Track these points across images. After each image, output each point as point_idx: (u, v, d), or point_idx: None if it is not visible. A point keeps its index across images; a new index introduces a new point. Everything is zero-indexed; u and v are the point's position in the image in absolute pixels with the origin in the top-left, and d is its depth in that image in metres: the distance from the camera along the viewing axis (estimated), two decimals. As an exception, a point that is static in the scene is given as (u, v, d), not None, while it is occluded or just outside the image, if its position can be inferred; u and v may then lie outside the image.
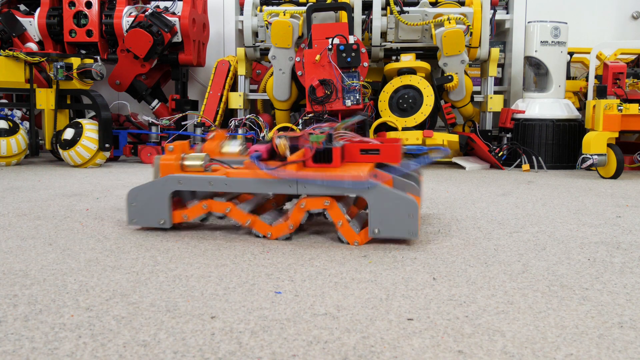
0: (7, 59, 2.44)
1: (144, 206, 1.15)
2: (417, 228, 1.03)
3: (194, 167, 1.16)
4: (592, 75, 2.61)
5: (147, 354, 0.58)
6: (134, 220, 1.16)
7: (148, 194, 1.14)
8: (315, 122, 2.39)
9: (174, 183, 1.12)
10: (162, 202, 1.14)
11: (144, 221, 1.16)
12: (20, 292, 0.78)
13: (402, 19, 2.63)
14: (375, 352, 0.59)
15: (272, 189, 1.09)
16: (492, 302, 0.75)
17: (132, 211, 1.16)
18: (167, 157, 1.17)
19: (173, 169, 1.16)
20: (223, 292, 0.79)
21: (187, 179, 1.12)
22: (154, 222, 1.15)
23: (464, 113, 2.82)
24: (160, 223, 1.15)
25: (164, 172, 1.16)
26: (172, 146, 1.17)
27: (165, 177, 1.13)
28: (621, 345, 0.62)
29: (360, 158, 1.17)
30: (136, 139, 2.87)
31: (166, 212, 1.14)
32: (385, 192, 1.03)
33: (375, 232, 1.04)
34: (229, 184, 1.10)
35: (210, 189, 1.12)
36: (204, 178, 1.11)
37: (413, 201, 1.02)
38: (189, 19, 2.82)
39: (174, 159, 1.16)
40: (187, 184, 1.12)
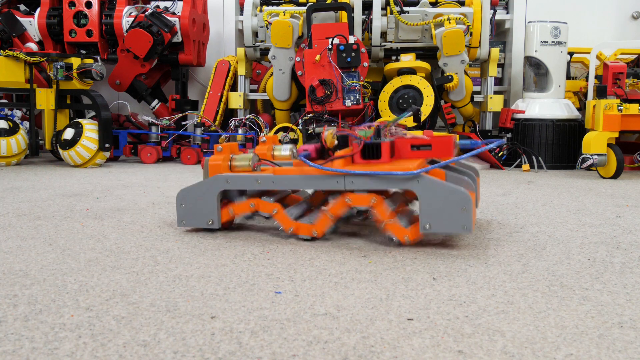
0: (7, 59, 2.44)
1: (192, 207, 1.14)
2: (471, 223, 0.99)
3: (243, 167, 1.15)
4: (592, 75, 2.61)
5: (147, 354, 0.58)
6: (184, 222, 1.15)
7: (196, 194, 1.14)
8: (315, 122, 2.39)
9: (222, 182, 1.12)
10: (211, 202, 1.13)
11: (193, 222, 1.15)
12: (20, 292, 0.78)
13: (402, 19, 2.63)
14: (375, 352, 0.59)
15: (318, 185, 1.07)
16: (492, 302, 0.75)
17: (182, 212, 1.15)
18: (216, 158, 1.17)
19: (222, 169, 1.16)
20: (223, 292, 0.79)
21: (235, 178, 1.12)
22: (202, 222, 1.14)
23: (464, 113, 2.82)
24: (209, 223, 1.14)
25: (213, 172, 1.16)
26: (220, 147, 1.18)
27: (214, 177, 1.12)
28: (621, 345, 0.62)
29: (411, 154, 1.13)
30: (136, 139, 2.87)
31: (215, 212, 1.13)
32: (436, 185, 1.00)
33: (426, 227, 1.00)
34: (276, 182, 1.09)
35: (257, 187, 1.11)
36: (251, 176, 1.11)
37: (466, 194, 0.99)
38: (189, 19, 2.82)
39: (223, 159, 1.16)
40: (235, 182, 1.12)
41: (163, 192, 1.71)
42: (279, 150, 1.25)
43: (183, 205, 1.15)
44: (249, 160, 1.15)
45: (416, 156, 1.12)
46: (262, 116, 2.93)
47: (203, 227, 1.15)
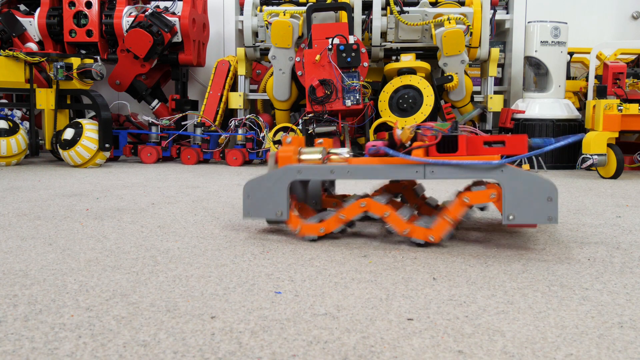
0: (7, 59, 2.44)
1: (260, 199, 1.11)
2: (557, 213, 0.96)
3: (312, 159, 1.13)
4: (592, 75, 2.61)
5: (147, 354, 0.58)
6: (250, 213, 1.13)
7: (265, 185, 1.11)
8: (315, 122, 2.39)
9: (294, 173, 1.09)
10: (280, 194, 1.10)
11: (261, 213, 1.12)
12: (20, 292, 0.78)
13: (402, 19, 2.63)
14: (375, 352, 0.59)
15: (396, 175, 1.05)
16: (492, 302, 0.75)
17: (248, 204, 1.13)
18: (286, 149, 1.14)
19: (292, 160, 1.13)
20: (223, 292, 0.79)
21: (307, 169, 1.09)
22: (271, 214, 1.11)
23: (464, 113, 2.82)
24: (277, 215, 1.11)
25: (283, 163, 1.14)
26: (290, 138, 1.16)
27: (284, 167, 1.10)
28: (621, 345, 0.62)
29: (484, 150, 1.09)
30: (136, 139, 2.87)
31: (284, 203, 1.10)
32: (521, 175, 0.97)
33: (509, 218, 0.98)
34: (352, 172, 1.07)
35: (331, 177, 1.09)
36: (325, 167, 1.08)
37: (552, 183, 0.96)
38: (189, 19, 2.82)
39: (293, 152, 1.14)
40: (307, 173, 1.09)
41: (163, 192, 1.71)
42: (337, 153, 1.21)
43: (250, 196, 1.12)
44: (320, 153, 1.13)
45: (489, 152, 1.09)
46: (262, 116, 2.93)
47: (271, 218, 1.12)
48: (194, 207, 1.47)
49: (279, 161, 1.15)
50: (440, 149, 1.06)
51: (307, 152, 1.15)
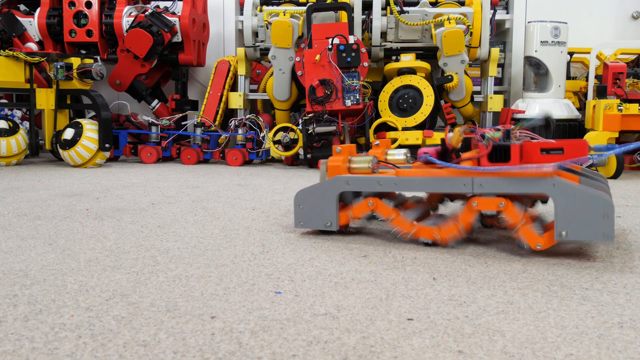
0: (7, 59, 2.44)
1: (310, 209, 1.12)
2: (613, 231, 0.93)
3: (362, 169, 1.13)
4: (592, 75, 2.61)
5: (147, 354, 0.58)
6: (301, 223, 1.14)
7: (315, 196, 1.12)
8: (315, 122, 2.39)
9: (342, 184, 1.10)
10: (330, 204, 1.11)
11: (311, 224, 1.13)
12: (20, 292, 0.78)
13: (402, 19, 2.63)
14: (375, 352, 0.59)
15: (444, 188, 1.04)
16: (492, 302, 0.75)
17: (299, 214, 1.14)
18: (335, 159, 1.14)
19: (341, 170, 1.13)
20: (223, 292, 0.79)
21: (356, 180, 1.09)
22: (320, 224, 1.12)
23: (464, 113, 2.82)
24: (326, 225, 1.12)
25: (332, 173, 1.13)
26: (339, 148, 1.16)
27: (333, 178, 1.10)
28: (621, 345, 0.62)
29: (540, 158, 1.05)
30: (136, 139, 2.87)
31: (333, 214, 1.11)
32: (575, 190, 0.94)
33: (562, 234, 0.95)
34: (399, 184, 1.07)
35: (379, 189, 1.09)
36: (373, 178, 1.08)
37: (608, 199, 0.93)
38: (189, 19, 2.82)
39: (342, 161, 1.13)
40: (355, 184, 1.09)
41: (163, 192, 1.71)
42: (393, 154, 1.22)
43: (301, 206, 1.13)
44: (369, 162, 1.12)
45: (546, 160, 1.05)
46: (262, 116, 2.93)
47: (321, 229, 1.13)
48: (194, 207, 1.47)
49: (328, 170, 1.14)
50: (492, 158, 1.03)
51: (356, 162, 1.14)
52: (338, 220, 1.11)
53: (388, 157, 1.22)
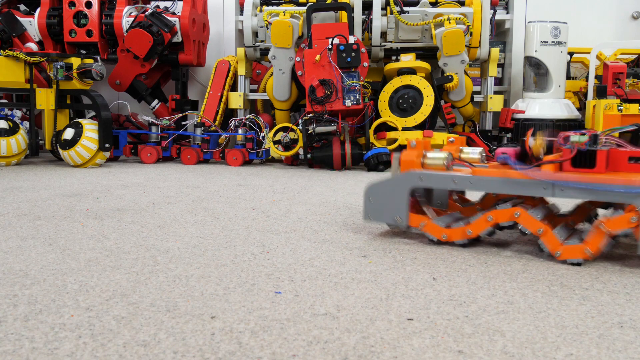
0: (7, 59, 2.44)
1: (381, 202, 1.11)
2: None
3: (436, 165, 1.09)
4: (592, 75, 2.61)
5: (147, 354, 0.58)
6: (370, 216, 1.12)
7: (386, 189, 1.10)
8: (315, 122, 2.39)
9: (415, 179, 1.07)
10: (401, 199, 1.09)
11: (380, 217, 1.12)
12: (20, 292, 0.78)
13: (402, 19, 2.63)
14: (375, 352, 0.59)
15: (521, 191, 0.99)
16: (492, 302, 0.75)
17: (369, 206, 1.12)
18: (409, 153, 1.11)
19: (415, 165, 1.10)
20: (223, 292, 0.79)
21: (429, 176, 1.06)
22: (390, 219, 1.11)
23: (464, 113, 2.82)
24: (396, 220, 1.10)
25: (405, 167, 1.11)
26: (414, 142, 1.12)
27: (407, 173, 1.08)
28: (621, 345, 0.62)
29: (628, 167, 0.99)
30: (136, 139, 2.86)
31: (404, 209, 1.09)
32: None
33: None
34: (474, 183, 1.03)
35: (453, 187, 1.05)
36: (447, 175, 1.05)
37: None
38: (189, 19, 2.82)
39: (416, 155, 1.10)
40: (429, 180, 1.07)
41: (163, 192, 1.71)
42: (468, 152, 1.18)
43: (371, 199, 1.11)
44: (444, 159, 1.09)
45: (634, 170, 0.99)
46: (262, 116, 2.93)
47: (390, 223, 1.11)
48: (194, 207, 1.47)
49: (401, 165, 1.11)
50: (576, 163, 0.99)
51: (431, 158, 1.10)
52: (408, 216, 1.09)
53: (462, 155, 1.19)
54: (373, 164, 2.34)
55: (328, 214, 1.38)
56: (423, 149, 1.13)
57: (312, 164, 2.49)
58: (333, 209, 1.46)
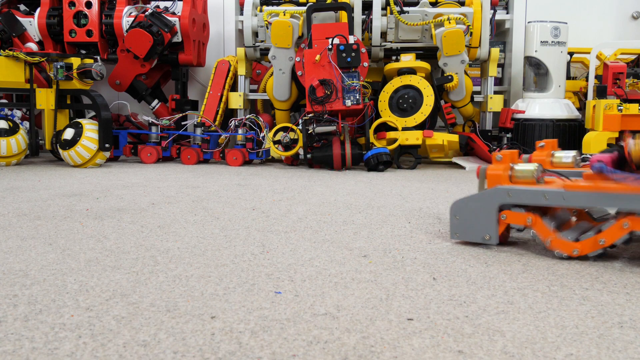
0: (7, 59, 2.44)
1: (467, 220, 1.06)
2: None
3: (525, 178, 1.03)
4: (592, 75, 2.61)
5: (147, 354, 0.58)
6: (457, 235, 1.08)
7: (473, 206, 1.05)
8: (315, 122, 2.39)
9: (503, 195, 1.01)
10: (489, 216, 1.03)
11: (468, 236, 1.07)
12: (20, 292, 0.78)
13: (402, 19, 2.63)
14: (375, 352, 0.59)
15: (622, 205, 0.92)
16: (492, 302, 0.75)
17: (455, 224, 1.07)
18: (495, 167, 1.05)
19: (502, 179, 1.04)
20: (223, 292, 0.79)
21: (518, 191, 1.00)
22: (478, 237, 1.05)
23: (464, 113, 2.82)
24: (485, 239, 1.04)
25: (492, 183, 1.05)
26: (500, 155, 1.07)
27: (494, 189, 1.03)
28: (621, 345, 0.62)
29: None
30: (136, 139, 2.86)
31: (493, 226, 1.03)
32: None
33: None
34: (567, 198, 0.96)
35: (544, 203, 0.98)
36: (538, 190, 0.98)
37: None
38: (189, 19, 2.82)
39: (503, 169, 1.05)
40: (518, 196, 1.00)
41: (163, 192, 1.71)
42: (560, 157, 1.11)
43: (457, 217, 1.07)
44: (533, 172, 1.02)
45: None
46: (262, 116, 2.92)
47: (478, 242, 1.06)
48: (194, 207, 1.47)
49: (488, 179, 1.06)
50: None
51: (519, 171, 1.04)
52: (498, 234, 1.04)
53: (554, 159, 1.11)
54: (373, 164, 2.34)
55: (328, 214, 1.38)
56: (510, 161, 1.07)
57: (312, 164, 2.49)
58: (333, 208, 1.46)
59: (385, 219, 1.32)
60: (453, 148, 2.62)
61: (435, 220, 1.32)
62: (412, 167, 2.50)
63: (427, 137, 2.47)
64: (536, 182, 1.02)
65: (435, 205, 1.52)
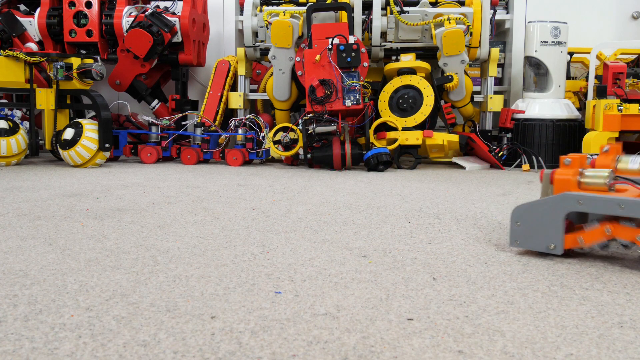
0: (7, 59, 2.44)
1: (530, 227, 1.00)
2: None
3: (596, 185, 0.97)
4: (592, 75, 2.61)
5: (147, 354, 0.58)
6: (517, 242, 1.01)
7: (537, 213, 0.99)
8: (315, 122, 2.39)
9: (573, 203, 0.94)
10: (555, 224, 0.97)
11: (529, 244, 1.00)
12: (20, 292, 0.78)
13: (402, 19, 2.63)
14: (375, 352, 0.59)
15: None
16: (492, 302, 0.75)
17: (516, 231, 1.01)
18: (564, 172, 1.00)
19: (570, 185, 0.99)
20: (223, 292, 0.79)
21: (590, 199, 0.93)
22: (541, 246, 0.99)
23: (464, 113, 2.82)
24: (549, 248, 0.98)
25: (559, 188, 1.00)
26: (569, 159, 1.01)
27: (561, 195, 0.96)
28: (621, 345, 0.62)
29: None
30: (136, 139, 2.86)
31: (559, 235, 0.97)
32: None
33: None
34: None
35: (619, 213, 0.91)
36: (612, 199, 0.91)
37: None
38: (189, 19, 2.82)
39: (572, 174, 0.99)
40: (589, 204, 0.93)
41: (163, 192, 1.71)
42: (626, 162, 1.03)
43: (519, 223, 1.01)
44: (605, 178, 0.96)
45: None
46: (262, 116, 2.92)
47: (541, 251, 1.00)
48: (194, 207, 1.47)
49: (554, 185, 1.01)
50: None
51: (589, 177, 0.98)
52: (563, 244, 0.97)
53: (620, 165, 1.04)
54: (373, 164, 2.34)
55: (328, 214, 1.38)
56: (579, 166, 1.01)
57: (312, 164, 2.49)
58: (333, 208, 1.46)
59: (385, 219, 1.32)
60: (453, 148, 2.62)
61: (435, 220, 1.32)
62: (412, 167, 2.50)
63: (427, 137, 2.47)
64: (608, 190, 0.96)
65: (435, 205, 1.52)
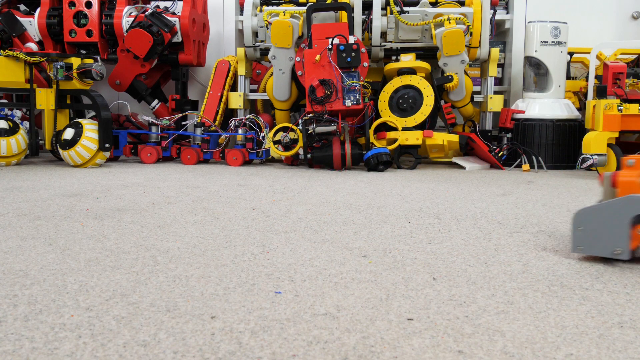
0: (7, 59, 2.44)
1: (593, 231, 0.96)
2: None
3: None
4: (592, 75, 2.61)
5: (147, 354, 0.58)
6: (580, 248, 0.98)
7: (601, 217, 0.95)
8: (315, 122, 2.39)
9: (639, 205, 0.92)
10: (620, 228, 0.94)
11: (593, 249, 0.97)
12: (20, 292, 0.78)
13: (402, 19, 2.63)
14: (375, 352, 0.59)
15: None
16: (492, 302, 0.75)
17: (579, 236, 0.98)
18: (628, 174, 0.97)
19: (635, 187, 0.96)
20: (223, 292, 0.79)
21: None
22: (606, 251, 0.95)
23: (464, 113, 2.82)
24: (615, 253, 0.95)
25: (624, 190, 0.97)
26: (632, 160, 0.99)
27: (627, 197, 0.93)
28: (621, 345, 0.62)
29: None
30: (136, 139, 2.86)
31: (624, 239, 0.93)
32: None
33: None
34: None
35: None
36: None
37: None
38: (189, 19, 2.82)
39: (637, 176, 0.97)
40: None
41: (163, 192, 1.71)
42: None
43: (581, 227, 0.97)
44: None
45: None
46: (262, 116, 2.92)
47: (606, 256, 0.96)
48: (194, 207, 1.47)
49: (618, 187, 0.98)
50: None
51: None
52: (630, 247, 0.94)
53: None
54: (373, 164, 2.34)
55: (328, 214, 1.38)
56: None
57: (312, 164, 2.49)
58: (333, 208, 1.46)
59: (385, 219, 1.32)
60: (453, 148, 2.62)
61: (435, 220, 1.32)
62: (412, 167, 2.50)
63: (427, 137, 2.47)
64: None
65: (435, 205, 1.52)
